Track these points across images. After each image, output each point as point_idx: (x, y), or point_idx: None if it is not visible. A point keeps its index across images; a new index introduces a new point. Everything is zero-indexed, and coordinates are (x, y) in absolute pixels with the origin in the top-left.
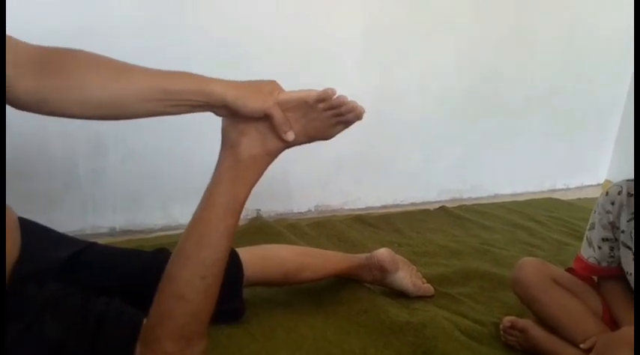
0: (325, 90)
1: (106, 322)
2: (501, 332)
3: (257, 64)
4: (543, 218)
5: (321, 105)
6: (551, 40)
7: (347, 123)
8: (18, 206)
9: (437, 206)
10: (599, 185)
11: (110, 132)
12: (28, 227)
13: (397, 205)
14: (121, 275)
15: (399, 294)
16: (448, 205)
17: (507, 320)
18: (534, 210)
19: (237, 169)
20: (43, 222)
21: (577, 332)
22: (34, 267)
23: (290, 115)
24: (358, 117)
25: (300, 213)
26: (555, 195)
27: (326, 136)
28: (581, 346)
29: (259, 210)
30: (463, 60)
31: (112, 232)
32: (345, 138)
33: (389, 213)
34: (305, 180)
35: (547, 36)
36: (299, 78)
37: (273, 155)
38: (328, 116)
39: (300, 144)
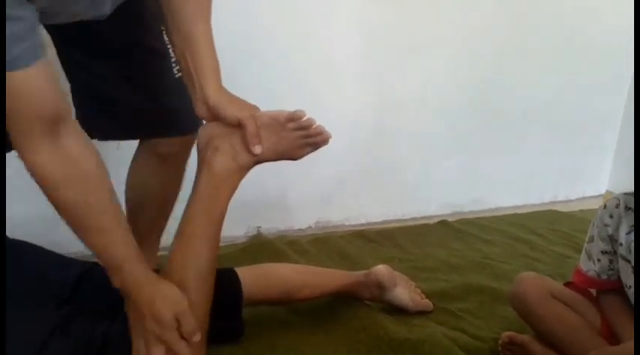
0: (295, 111)
1: (111, 340)
2: (500, 347)
3: (255, 78)
4: (544, 231)
5: (290, 125)
6: (549, 52)
7: (315, 146)
8: (19, 230)
9: (437, 220)
10: (600, 196)
11: (109, 161)
12: (35, 251)
13: (398, 220)
14: (121, 297)
15: (398, 310)
16: (449, 219)
17: (506, 335)
18: (535, 223)
19: (213, 183)
20: (44, 244)
21: (576, 347)
22: (50, 290)
23: (262, 132)
24: (325, 141)
25: (301, 229)
26: (556, 207)
27: (294, 155)
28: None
29: (259, 227)
30: (461, 73)
31: None
32: (344, 154)
33: (389, 227)
34: (305, 196)
35: (545, 47)
36: (298, 92)
37: (244, 169)
38: (297, 136)
39: (268, 160)
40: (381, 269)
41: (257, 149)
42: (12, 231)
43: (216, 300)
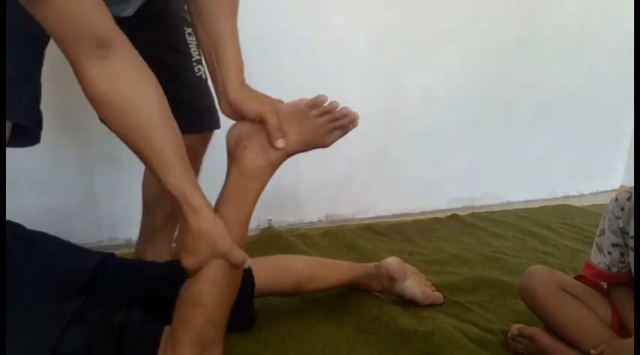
0: (317, 97)
1: (129, 329)
2: (510, 340)
3: (264, 77)
4: (556, 225)
5: (314, 112)
6: (560, 47)
7: (343, 129)
8: (36, 220)
9: (448, 214)
10: (613, 191)
11: (125, 148)
12: (51, 241)
13: (408, 214)
14: (138, 286)
15: (409, 303)
16: (459, 213)
17: (515, 327)
18: (547, 217)
19: (242, 181)
20: (61, 235)
21: (586, 340)
22: (66, 280)
23: (287, 125)
24: (353, 121)
25: (311, 222)
26: (569, 202)
27: (324, 143)
28: (592, 352)
29: (271, 220)
30: (471, 68)
31: (128, 244)
32: (355, 148)
33: (400, 221)
34: (316, 190)
35: (555, 43)
36: (306, 89)
37: (274, 165)
38: (323, 123)
39: (298, 151)
40: (392, 262)
41: (280, 143)
42: (28, 222)
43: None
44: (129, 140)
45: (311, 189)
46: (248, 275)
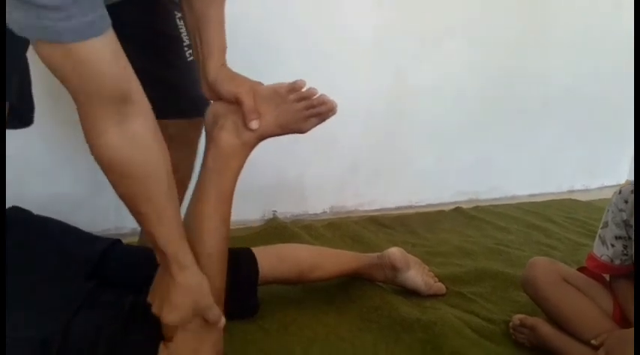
0: (295, 82)
1: (137, 312)
2: (511, 330)
3: (269, 67)
4: (560, 219)
5: (292, 96)
6: (569, 41)
7: (320, 117)
8: (46, 208)
9: (452, 207)
10: (619, 185)
11: None
12: (61, 227)
13: (412, 207)
14: (144, 272)
15: (411, 293)
16: (464, 206)
17: (517, 317)
18: (552, 211)
19: (220, 160)
20: (69, 223)
21: (587, 330)
22: (75, 265)
23: (263, 107)
24: (331, 110)
25: (315, 214)
26: (574, 197)
27: (300, 129)
28: (592, 342)
29: (275, 211)
30: (477, 61)
31: (134, 233)
32: (360, 141)
33: (404, 214)
34: (320, 181)
35: (561, 36)
36: (312, 81)
37: (249, 145)
38: (300, 108)
39: (274, 134)
40: (395, 252)
41: (253, 124)
42: (38, 210)
43: (233, 278)
44: (131, 202)
45: (316, 181)
46: (252, 263)
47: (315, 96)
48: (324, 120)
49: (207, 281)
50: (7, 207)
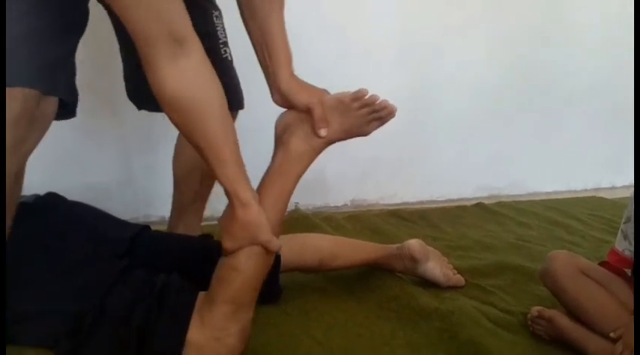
0: (358, 90)
1: (169, 289)
2: (529, 321)
3: (294, 64)
4: (584, 216)
5: (356, 104)
6: (594, 33)
7: (381, 120)
8: (78, 196)
9: (473, 202)
10: None
11: (160, 131)
12: (95, 212)
13: (433, 201)
14: (172, 258)
15: (430, 284)
16: (485, 201)
17: (535, 309)
18: (575, 208)
19: (287, 163)
20: None
21: (605, 323)
22: (109, 246)
23: (330, 115)
24: (391, 113)
25: (337, 206)
26: (600, 194)
27: (364, 132)
28: (611, 335)
29: (297, 203)
30: (500, 54)
31: (162, 221)
32: (381, 135)
33: (425, 208)
34: (342, 175)
35: (589, 28)
36: (335, 73)
37: (317, 150)
38: (363, 114)
39: (339, 140)
40: (414, 243)
41: (323, 132)
42: (71, 198)
43: None
44: (191, 137)
45: (337, 174)
46: None
47: (377, 102)
48: (384, 123)
49: (265, 218)
50: (43, 193)
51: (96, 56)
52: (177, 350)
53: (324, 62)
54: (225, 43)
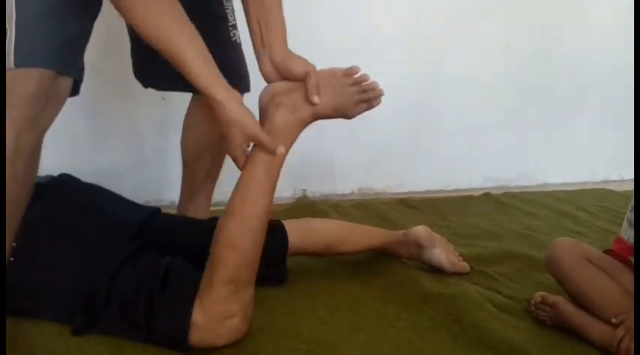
0: (351, 67)
1: (172, 272)
2: (532, 307)
3: (302, 50)
4: (592, 207)
5: (347, 80)
6: (607, 24)
7: (368, 103)
8: (90, 179)
9: (482, 193)
10: None
11: (171, 115)
12: (108, 194)
13: (441, 191)
14: (182, 239)
15: (435, 270)
16: (493, 192)
17: (538, 295)
18: (583, 200)
19: (274, 135)
20: None
21: (608, 309)
22: (121, 227)
23: (321, 87)
24: (378, 97)
25: (344, 194)
26: (609, 187)
27: (350, 113)
28: (613, 320)
29: (305, 190)
30: (511, 45)
31: (172, 205)
32: (389, 124)
33: (432, 197)
34: (349, 163)
35: (602, 19)
36: (345, 62)
37: (303, 122)
38: (352, 92)
39: (325, 116)
40: (420, 230)
41: (316, 99)
42: (85, 180)
43: (264, 248)
44: (160, 46)
45: (345, 162)
46: (282, 234)
47: (367, 82)
48: (371, 107)
49: (250, 113)
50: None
51: (110, 41)
52: (182, 333)
53: (333, 53)
54: (235, 26)
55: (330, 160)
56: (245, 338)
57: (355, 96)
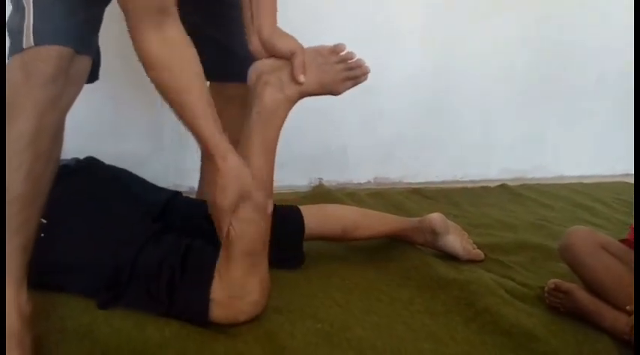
0: (336, 45)
1: (193, 251)
2: (545, 293)
3: (318, 41)
4: (610, 200)
5: (333, 58)
6: (626, 14)
7: (355, 80)
8: (113, 162)
9: (497, 184)
10: None
11: None
12: (131, 176)
13: (456, 181)
14: (200, 223)
15: (450, 257)
16: (509, 184)
17: (552, 282)
18: (601, 192)
19: (264, 113)
20: None
21: (622, 296)
22: (145, 208)
23: (307, 66)
24: (364, 74)
25: (360, 184)
26: (628, 180)
27: (336, 90)
28: (627, 308)
29: (321, 178)
30: (530, 34)
31: (191, 191)
32: (405, 113)
33: (447, 187)
34: (365, 152)
35: (620, 9)
36: (360, 52)
37: (291, 100)
38: (339, 69)
39: (312, 93)
40: (435, 217)
41: (302, 78)
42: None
43: (281, 232)
44: (169, 94)
45: (361, 152)
46: (299, 218)
47: (353, 59)
48: (357, 83)
49: (248, 169)
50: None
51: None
52: (202, 308)
53: (347, 42)
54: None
55: (345, 150)
56: (262, 317)
57: (342, 73)
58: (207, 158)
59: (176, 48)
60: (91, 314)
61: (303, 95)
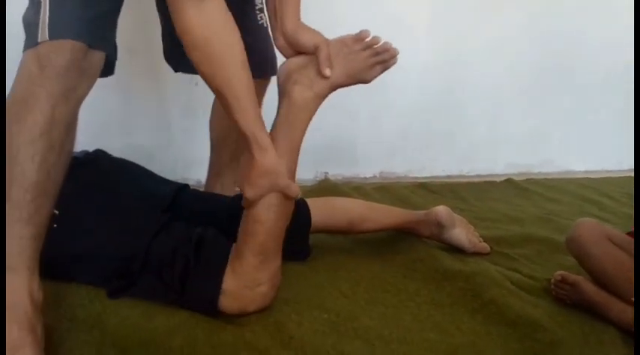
0: (360, 32)
1: (206, 241)
2: (552, 285)
3: (328, 32)
4: (618, 194)
5: (358, 46)
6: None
7: (384, 64)
8: (122, 156)
9: (503, 179)
10: None
11: (199, 97)
12: (140, 169)
13: (462, 176)
14: (209, 214)
15: (456, 250)
16: (515, 178)
17: (558, 274)
18: (608, 187)
19: (293, 112)
20: None
21: (628, 288)
22: (155, 199)
23: (334, 58)
24: (393, 57)
25: (366, 178)
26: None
27: (366, 78)
28: (632, 299)
29: (327, 173)
30: (538, 27)
31: (199, 184)
32: (412, 108)
33: (453, 182)
34: (371, 147)
35: (631, 5)
36: None
37: (321, 96)
38: (366, 56)
39: (342, 85)
40: (441, 210)
41: (327, 71)
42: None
43: (287, 225)
44: (213, 80)
45: (367, 146)
46: (305, 211)
47: (379, 44)
48: (387, 68)
49: (284, 164)
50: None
51: (145, 23)
52: (214, 297)
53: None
54: (262, 9)
55: (352, 144)
56: (270, 308)
57: (369, 60)
58: (246, 149)
59: (219, 23)
60: (101, 303)
61: (333, 88)
